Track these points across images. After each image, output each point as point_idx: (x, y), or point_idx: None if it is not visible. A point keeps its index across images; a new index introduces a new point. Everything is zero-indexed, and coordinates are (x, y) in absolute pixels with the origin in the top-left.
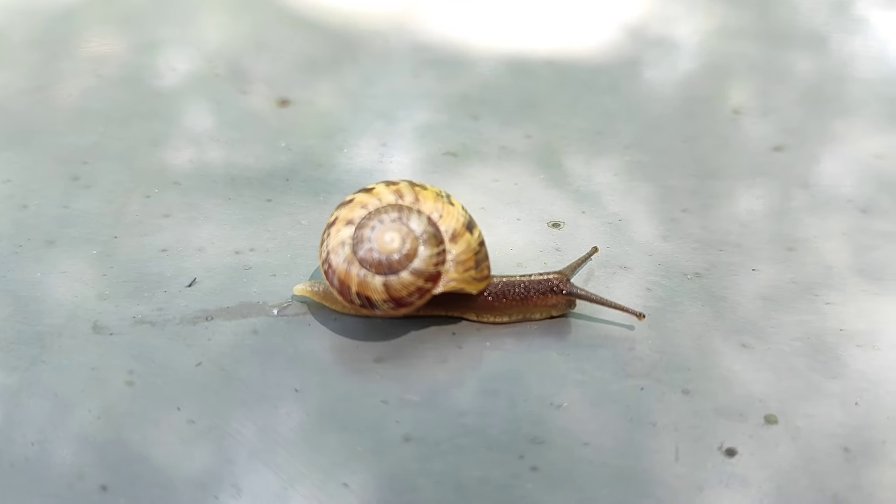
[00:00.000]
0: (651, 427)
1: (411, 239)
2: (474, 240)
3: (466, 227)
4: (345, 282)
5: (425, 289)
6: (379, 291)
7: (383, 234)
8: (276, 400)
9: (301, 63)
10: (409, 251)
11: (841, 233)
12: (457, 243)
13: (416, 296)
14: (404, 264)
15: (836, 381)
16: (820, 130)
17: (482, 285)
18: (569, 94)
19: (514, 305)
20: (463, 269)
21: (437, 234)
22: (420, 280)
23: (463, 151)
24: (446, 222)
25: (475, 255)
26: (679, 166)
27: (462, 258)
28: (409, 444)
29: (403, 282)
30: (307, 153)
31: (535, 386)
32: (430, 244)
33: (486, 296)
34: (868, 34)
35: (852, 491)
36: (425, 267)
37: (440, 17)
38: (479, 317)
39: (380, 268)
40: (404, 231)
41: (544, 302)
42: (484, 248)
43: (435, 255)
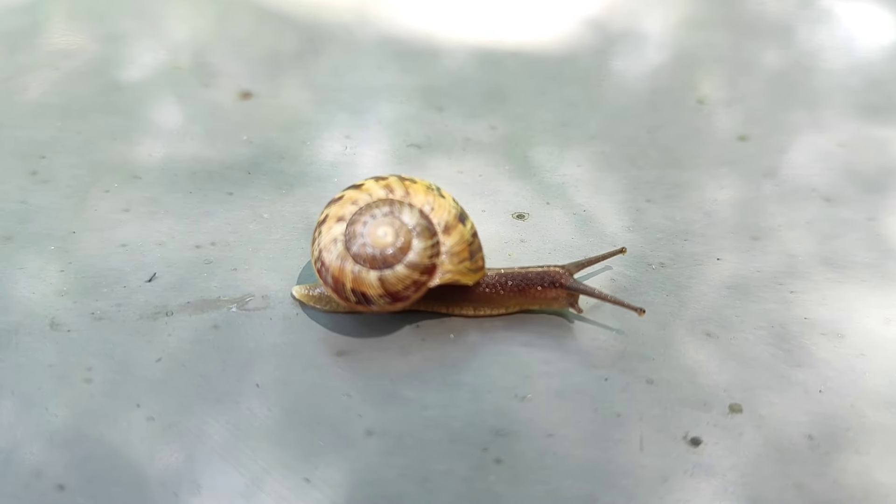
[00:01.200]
0: (615, 417)
1: (405, 232)
2: (467, 231)
3: (458, 219)
4: (339, 279)
5: (421, 282)
6: (374, 286)
7: (376, 229)
8: (237, 395)
9: (264, 55)
10: (403, 244)
11: (805, 222)
12: (450, 235)
13: (412, 289)
14: (399, 258)
15: (800, 370)
16: (784, 120)
17: (477, 276)
18: (534, 85)
19: (512, 297)
20: (458, 261)
21: (430, 227)
22: (416, 273)
23: (427, 143)
24: (438, 214)
25: (469, 246)
26: (643, 157)
27: (456, 249)
28: (372, 439)
29: (399, 275)
30: (269, 146)
31: (498, 378)
32: (424, 237)
33: (484, 288)
34: (834, 25)
35: (816, 478)
36: (420, 260)
37: (405, 9)
38: (477, 311)
39: (374, 262)
40: (397, 224)
41: (544, 295)
42: (477, 239)
43: (429, 248)
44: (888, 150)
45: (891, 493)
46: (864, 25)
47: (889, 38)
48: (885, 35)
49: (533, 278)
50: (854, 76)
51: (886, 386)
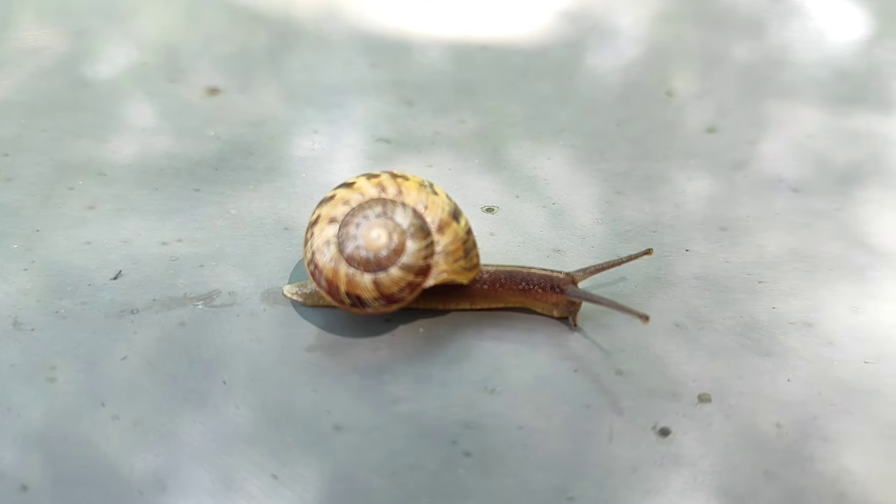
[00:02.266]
0: (585, 409)
1: (398, 233)
2: (461, 229)
3: (453, 216)
4: (333, 282)
5: (416, 283)
6: (369, 290)
7: (369, 231)
8: (203, 393)
9: (231, 51)
10: (396, 246)
11: (773, 212)
12: (444, 234)
13: (407, 291)
14: (393, 260)
15: (768, 359)
16: (754, 112)
17: (472, 274)
18: (503, 79)
19: (512, 294)
20: (452, 260)
21: (424, 226)
22: (410, 275)
23: (396, 138)
24: (432, 213)
25: (463, 245)
26: (613, 150)
27: (451, 248)
28: (341, 434)
29: (393, 278)
30: (237, 142)
31: (468, 371)
32: (418, 237)
33: (483, 284)
34: (805, 19)
35: (785, 466)
36: (414, 261)
37: (374, 4)
38: (474, 305)
39: (368, 266)
40: (390, 226)
41: (546, 298)
42: (472, 237)
43: (423, 248)
44: (856, 142)
45: (858, 479)
46: (835, 19)
47: (858, 32)
48: (854, 29)
49: (536, 279)
50: (823, 69)
51: (853, 374)
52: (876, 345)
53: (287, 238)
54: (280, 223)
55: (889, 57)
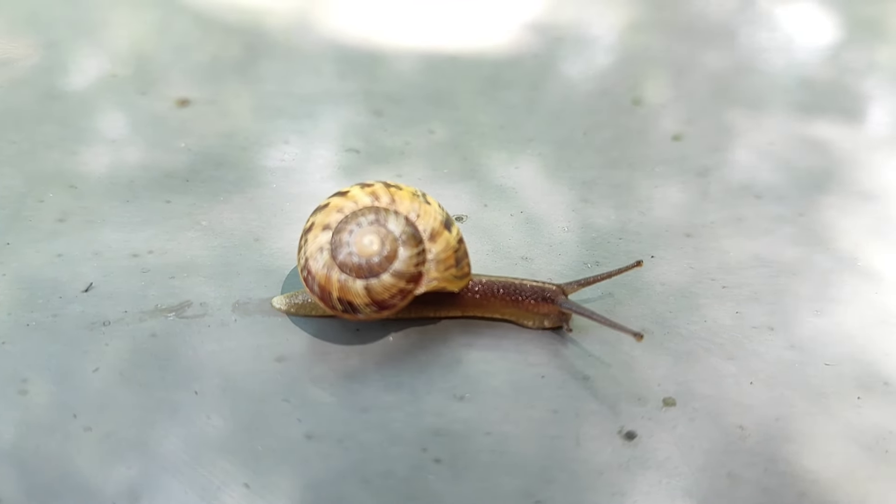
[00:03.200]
0: (552, 414)
1: (390, 241)
2: (453, 237)
3: (444, 226)
4: (325, 287)
5: (407, 290)
6: (361, 295)
7: (362, 238)
8: (175, 404)
9: (202, 62)
10: (388, 253)
11: (737, 218)
12: (436, 242)
13: (399, 297)
14: (385, 267)
15: (732, 363)
16: (719, 120)
17: (463, 283)
18: (472, 89)
19: (504, 305)
20: (444, 268)
21: (416, 234)
22: (402, 282)
23: (366, 148)
24: (424, 221)
25: (455, 253)
26: (580, 158)
27: (442, 257)
28: (312, 442)
29: (385, 284)
30: (207, 153)
31: (438, 378)
32: (410, 245)
33: (475, 294)
34: (774, 27)
35: (748, 467)
36: (406, 268)
37: (345, 15)
38: (465, 312)
39: (360, 272)
40: (383, 233)
41: (537, 309)
42: (463, 246)
43: (415, 256)
44: (818, 148)
45: (819, 479)
46: (803, 27)
47: (826, 39)
48: (822, 36)
49: (527, 291)
50: (789, 77)
51: (814, 376)
52: (836, 347)
53: (258, 249)
54: (251, 234)
55: (853, 65)
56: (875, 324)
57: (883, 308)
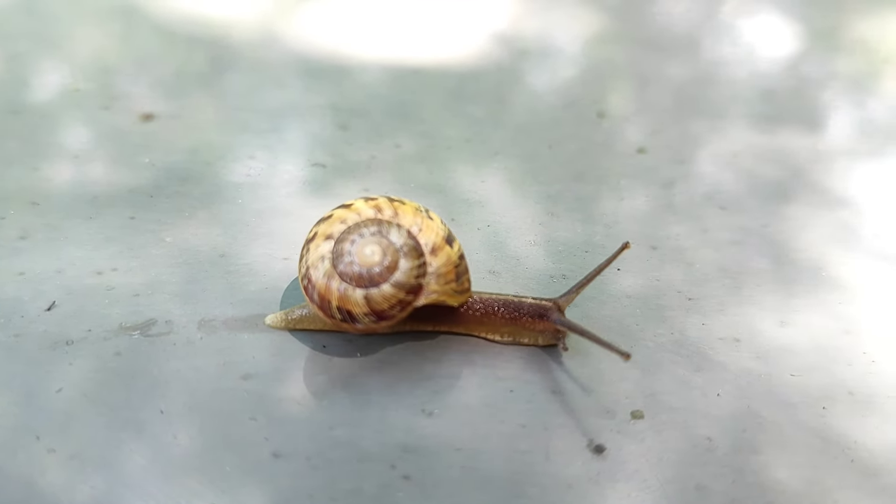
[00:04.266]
0: (522, 428)
1: (392, 251)
2: (454, 253)
3: (446, 241)
4: (325, 296)
5: (406, 301)
6: (360, 305)
7: (363, 248)
8: (141, 423)
9: (167, 76)
10: (389, 263)
11: (702, 230)
12: (437, 256)
13: (398, 308)
14: (385, 277)
15: (699, 374)
16: (683, 132)
17: (463, 297)
18: (438, 102)
19: (504, 324)
20: (444, 282)
21: (418, 247)
22: (401, 292)
23: (332, 162)
24: (426, 236)
25: (455, 268)
26: (545, 171)
27: (443, 271)
28: (279, 461)
29: (385, 294)
30: (172, 168)
31: (406, 394)
32: (411, 256)
33: (475, 312)
34: (736, 39)
35: (716, 479)
36: (406, 279)
37: (308, 27)
38: (469, 330)
39: (360, 281)
40: (384, 244)
41: (533, 326)
42: (464, 262)
43: (416, 268)
44: (781, 159)
45: (786, 490)
46: (764, 39)
47: (786, 50)
48: (783, 47)
49: (525, 308)
50: (752, 88)
51: (780, 387)
52: (802, 358)
53: (223, 265)
54: (216, 250)
55: (814, 75)
56: (839, 334)
57: (847, 318)
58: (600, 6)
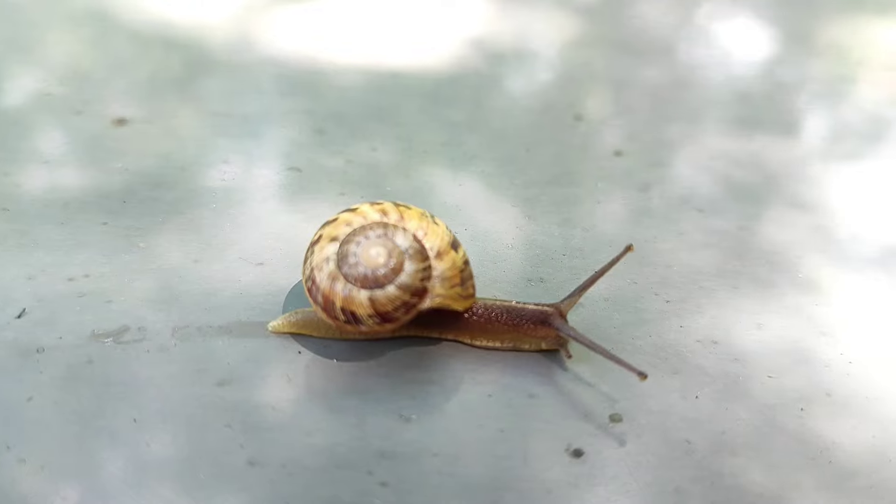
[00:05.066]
0: (499, 433)
1: (397, 254)
2: (459, 258)
3: (451, 246)
4: (329, 298)
5: (411, 304)
6: (364, 306)
7: (369, 249)
8: (113, 432)
9: (140, 81)
10: (395, 265)
11: (679, 233)
12: (442, 260)
13: (402, 311)
14: (390, 278)
15: (677, 377)
16: (660, 135)
17: (468, 303)
18: (415, 106)
19: (506, 331)
20: (449, 286)
21: (423, 251)
22: (406, 295)
23: (308, 166)
24: (431, 240)
25: (461, 273)
26: (522, 175)
27: (448, 275)
28: (255, 469)
29: (389, 296)
30: (145, 173)
31: (383, 400)
32: (416, 259)
33: (478, 317)
34: (712, 42)
35: (694, 482)
36: (411, 281)
37: (284, 32)
38: (474, 340)
39: (365, 282)
40: (390, 246)
41: (535, 333)
42: (469, 267)
43: (421, 271)
44: (757, 162)
45: (765, 492)
46: (740, 42)
47: (762, 54)
48: (758, 51)
49: (527, 314)
50: (728, 91)
51: (758, 389)
52: (779, 359)
53: (197, 271)
54: (190, 256)
55: (789, 78)
56: (816, 335)
57: (824, 319)
58: (577, 10)
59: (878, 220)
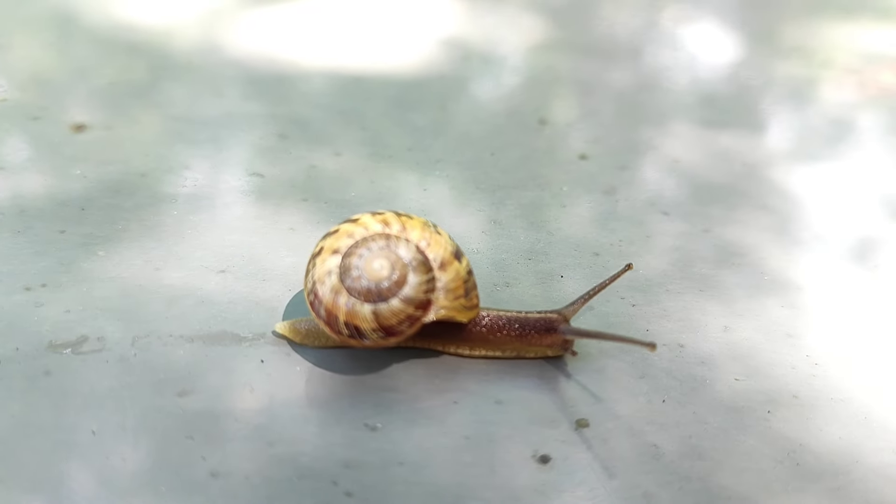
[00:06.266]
0: (465, 440)
1: (400, 266)
2: (463, 268)
3: (454, 256)
4: (332, 312)
5: (415, 317)
6: (368, 320)
7: (372, 262)
8: (72, 445)
9: (99, 85)
10: (398, 278)
11: (645, 236)
12: (445, 271)
13: (407, 324)
14: (394, 291)
15: (643, 381)
16: (625, 138)
17: (472, 314)
18: (379, 110)
19: (510, 341)
20: (453, 297)
21: (426, 262)
22: (410, 308)
23: (271, 172)
24: (434, 251)
25: (464, 284)
26: (487, 179)
27: (451, 286)
28: (217, 480)
29: (393, 309)
30: (104, 180)
31: (348, 408)
32: (420, 271)
33: (482, 328)
34: (677, 46)
35: (662, 487)
36: (415, 294)
37: (247, 35)
38: (473, 350)
39: (369, 295)
40: (393, 258)
41: (541, 341)
42: (472, 277)
43: (425, 283)
44: (722, 164)
45: (733, 495)
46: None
47: (725, 58)
48: (723, 55)
49: (532, 323)
50: (693, 94)
51: (726, 392)
52: (745, 362)
53: (158, 279)
54: (150, 263)
55: (754, 81)
56: (782, 337)
57: (789, 321)
58: (542, 13)
59: (842, 221)
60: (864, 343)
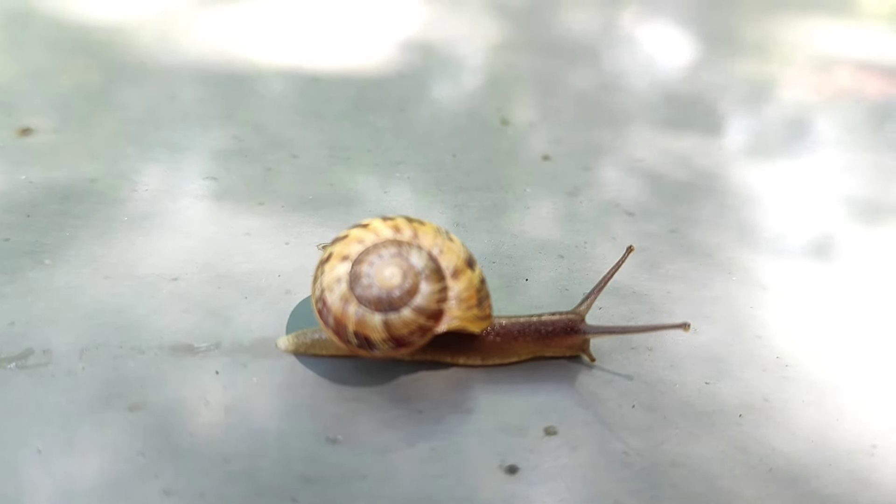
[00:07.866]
0: (431, 451)
1: (413, 274)
2: (476, 277)
3: (467, 264)
4: (341, 321)
5: (427, 327)
6: (378, 330)
7: (383, 270)
8: (15, 465)
9: (48, 88)
10: (410, 287)
11: (610, 237)
12: (458, 280)
13: (418, 335)
14: (405, 301)
15: (612, 386)
16: (587, 139)
17: (485, 324)
18: (337, 111)
19: (526, 346)
20: (466, 307)
21: (439, 270)
22: (422, 318)
23: (226, 175)
24: (447, 258)
25: (477, 293)
26: (449, 181)
27: (464, 295)
28: (171, 499)
29: (405, 319)
30: (52, 185)
31: (307, 420)
32: (433, 280)
33: (496, 337)
34: (636, 47)
35: (633, 495)
36: (427, 304)
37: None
38: (486, 360)
39: (379, 305)
40: (405, 266)
41: (562, 343)
42: (485, 286)
43: (437, 292)
44: (685, 164)
45: (707, 502)
46: (663, 47)
47: (685, 58)
48: (681, 55)
49: (552, 326)
50: (654, 94)
51: (696, 396)
52: (716, 365)
53: (107, 288)
54: (100, 272)
55: (713, 80)
56: (751, 338)
57: (759, 322)
58: (503, 14)
59: (806, 218)
60: (834, 343)
